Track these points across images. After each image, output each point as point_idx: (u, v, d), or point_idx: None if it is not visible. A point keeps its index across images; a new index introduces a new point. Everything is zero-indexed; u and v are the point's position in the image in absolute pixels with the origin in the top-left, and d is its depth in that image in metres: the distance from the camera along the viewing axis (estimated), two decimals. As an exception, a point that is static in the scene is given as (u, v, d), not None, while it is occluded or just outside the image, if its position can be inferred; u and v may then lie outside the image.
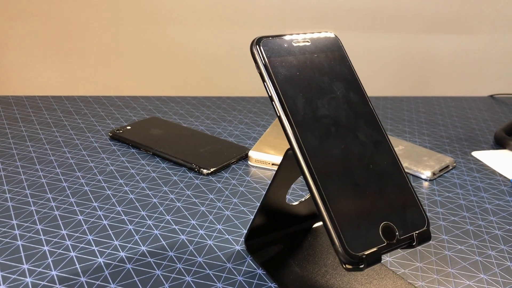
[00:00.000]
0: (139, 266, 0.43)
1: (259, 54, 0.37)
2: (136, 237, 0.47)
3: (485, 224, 0.53)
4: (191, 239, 0.47)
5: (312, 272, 0.42)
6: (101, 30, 1.53)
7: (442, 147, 0.73)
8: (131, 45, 1.56)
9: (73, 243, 0.45)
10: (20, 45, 1.53)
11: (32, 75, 1.56)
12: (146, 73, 1.59)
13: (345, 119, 0.37)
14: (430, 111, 0.90)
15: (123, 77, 1.59)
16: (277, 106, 0.36)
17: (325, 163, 0.35)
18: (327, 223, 0.33)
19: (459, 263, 0.46)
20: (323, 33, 0.41)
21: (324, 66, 0.39)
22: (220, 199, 0.54)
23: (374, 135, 0.38)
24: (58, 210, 0.50)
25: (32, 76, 1.56)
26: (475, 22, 1.60)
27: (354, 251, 0.32)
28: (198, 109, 0.83)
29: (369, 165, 0.37)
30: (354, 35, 1.60)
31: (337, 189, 0.34)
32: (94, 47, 1.55)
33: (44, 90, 1.44)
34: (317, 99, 0.37)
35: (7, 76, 1.56)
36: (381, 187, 0.36)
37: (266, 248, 0.45)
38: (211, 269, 0.43)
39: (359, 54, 1.63)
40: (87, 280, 0.40)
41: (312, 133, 0.35)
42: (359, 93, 0.39)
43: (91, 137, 0.69)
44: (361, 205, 0.34)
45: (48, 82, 1.57)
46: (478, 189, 0.61)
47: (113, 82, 1.58)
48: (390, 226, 0.35)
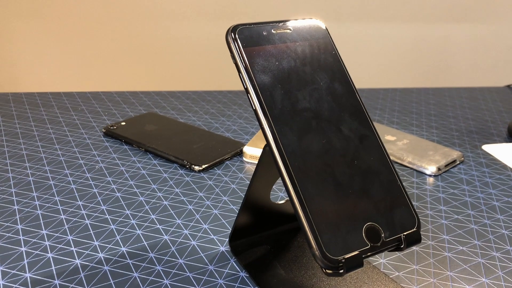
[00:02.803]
0: (116, 268, 0.41)
1: (234, 43, 0.34)
2: (117, 237, 0.45)
3: (491, 223, 0.49)
4: (174, 240, 0.45)
5: (297, 275, 0.40)
6: (104, 26, 1.53)
7: (451, 141, 0.69)
8: (134, 41, 1.55)
9: (52, 244, 0.44)
10: (24, 43, 1.54)
11: (35, 72, 1.57)
12: (149, 68, 1.58)
13: (327, 112, 0.35)
14: (440, 102, 0.86)
15: (126, 73, 1.58)
16: (253, 99, 0.33)
17: (303, 159, 0.32)
18: (304, 225, 0.30)
19: (459, 266, 0.42)
20: (307, 20, 0.38)
21: (306, 55, 0.36)
22: (210, 197, 0.52)
23: (360, 128, 0.35)
24: (41, 209, 0.49)
25: (35, 73, 1.57)
26: (492, 10, 1.54)
27: (333, 254, 0.30)
28: (198, 104, 0.80)
29: (353, 161, 0.34)
30: (366, 26, 1.56)
31: (316, 188, 0.31)
32: (97, 43, 1.55)
33: (48, 86, 1.45)
34: (297, 91, 0.35)
35: (11, 73, 1.57)
36: (366, 185, 0.33)
37: (251, 249, 0.43)
38: (192, 271, 0.41)
39: (371, 45, 1.58)
40: (60, 282, 0.39)
41: (290, 127, 0.33)
42: (345, 84, 0.36)
43: (84, 134, 0.67)
44: (343, 205, 0.32)
45: (51, 78, 1.57)
46: (486, 185, 0.57)
47: (116, 78, 1.58)
48: (375, 228, 0.32)
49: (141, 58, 1.57)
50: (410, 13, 1.54)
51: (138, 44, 1.56)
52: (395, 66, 1.59)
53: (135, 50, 1.56)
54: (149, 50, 1.56)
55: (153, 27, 1.54)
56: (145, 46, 1.56)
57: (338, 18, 1.54)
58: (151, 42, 1.56)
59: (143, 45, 1.56)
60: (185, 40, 1.54)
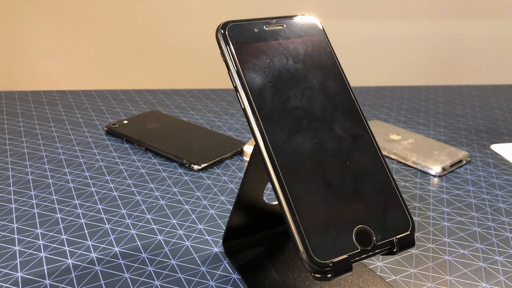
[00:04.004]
0: (108, 269, 0.40)
1: (223, 40, 0.33)
2: (111, 237, 0.44)
3: (495, 225, 0.48)
4: (168, 240, 0.44)
5: (291, 278, 0.39)
6: (115, 25, 1.53)
7: (458, 140, 0.67)
8: (140, 39, 1.55)
9: (46, 243, 0.43)
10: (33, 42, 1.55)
11: (43, 71, 1.58)
12: (157, 66, 1.58)
13: (320, 111, 0.34)
14: (450, 101, 0.84)
15: (133, 71, 1.59)
16: (242, 98, 0.32)
17: (292, 159, 0.31)
18: (291, 227, 0.29)
19: (459, 270, 0.41)
20: (301, 17, 0.37)
21: (299, 52, 0.35)
22: (207, 196, 0.52)
23: (354, 128, 0.34)
24: (38, 207, 0.49)
25: (43, 71, 1.58)
26: (506, 4, 1.50)
27: (320, 258, 0.29)
28: (202, 102, 0.80)
29: (346, 161, 0.33)
30: (377, 23, 1.53)
31: (305, 189, 0.30)
32: (105, 42, 1.55)
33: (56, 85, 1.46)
34: (289, 89, 0.34)
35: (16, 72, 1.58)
36: (359, 186, 0.32)
37: (245, 251, 0.42)
38: (183, 272, 0.40)
39: (381, 42, 1.56)
40: (51, 282, 0.39)
41: (280, 126, 0.32)
42: (339, 82, 0.35)
43: (87, 132, 0.67)
44: (333, 207, 0.31)
45: (59, 76, 1.58)
46: (492, 186, 0.55)
47: (123, 76, 1.58)
48: (366, 231, 0.31)
49: (149, 56, 1.58)
50: (422, 9, 1.52)
51: (145, 42, 1.56)
52: (405, 64, 1.57)
53: (142, 48, 1.57)
54: (157, 48, 1.56)
55: (162, 25, 1.54)
56: (153, 44, 1.56)
57: (347, 15, 1.52)
58: (159, 40, 1.56)
59: (150, 43, 1.56)
60: (192, 38, 1.54)
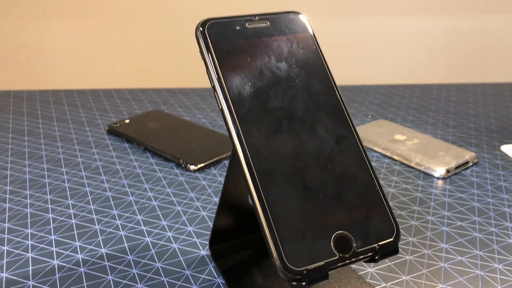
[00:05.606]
0: (92, 270, 0.40)
1: (202, 38, 0.32)
2: (99, 238, 0.44)
3: (498, 231, 0.45)
4: (155, 242, 0.44)
5: (276, 283, 0.38)
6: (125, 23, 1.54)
7: (467, 140, 0.65)
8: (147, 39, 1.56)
9: (34, 243, 0.43)
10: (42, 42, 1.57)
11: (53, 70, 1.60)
12: (165, 64, 1.58)
13: (302, 111, 0.32)
14: (462, 99, 0.81)
15: (141, 70, 1.59)
16: (219, 98, 0.31)
17: (270, 162, 0.30)
18: (265, 232, 0.28)
19: (455, 278, 0.39)
20: (285, 13, 0.36)
21: (283, 50, 0.34)
22: (200, 198, 0.51)
23: (338, 129, 0.33)
24: (31, 207, 0.49)
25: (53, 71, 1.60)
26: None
27: (295, 265, 0.28)
28: (206, 101, 0.79)
29: (327, 164, 0.31)
30: (390, 19, 1.50)
31: (282, 193, 0.29)
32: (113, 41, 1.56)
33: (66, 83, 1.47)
34: (270, 89, 0.32)
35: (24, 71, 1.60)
36: (340, 190, 0.31)
37: (232, 254, 0.41)
38: (168, 276, 0.39)
39: (394, 39, 1.52)
40: (34, 283, 0.38)
41: (258, 128, 0.31)
42: (325, 81, 0.34)
43: (88, 132, 0.67)
44: (311, 212, 0.29)
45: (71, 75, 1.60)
46: (499, 189, 0.53)
47: (131, 75, 1.58)
48: (346, 237, 0.29)
49: (155, 54, 1.58)
50: (437, 4, 1.48)
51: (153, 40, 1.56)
52: (420, 62, 1.53)
53: (150, 46, 1.57)
54: (164, 46, 1.56)
55: (171, 24, 1.54)
56: (160, 42, 1.56)
57: (364, 12, 1.49)
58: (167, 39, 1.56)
59: (158, 42, 1.56)
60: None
